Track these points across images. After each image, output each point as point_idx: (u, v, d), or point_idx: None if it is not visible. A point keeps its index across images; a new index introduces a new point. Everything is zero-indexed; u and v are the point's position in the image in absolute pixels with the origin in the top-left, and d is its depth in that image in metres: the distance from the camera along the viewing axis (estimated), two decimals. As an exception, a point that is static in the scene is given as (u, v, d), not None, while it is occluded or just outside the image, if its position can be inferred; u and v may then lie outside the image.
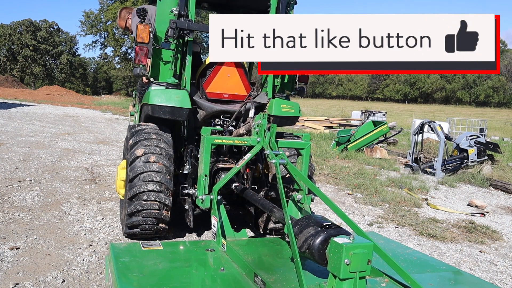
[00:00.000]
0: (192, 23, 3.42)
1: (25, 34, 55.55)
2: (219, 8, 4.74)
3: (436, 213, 5.31)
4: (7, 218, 3.88)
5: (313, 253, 1.83)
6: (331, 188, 6.35)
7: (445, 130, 10.17)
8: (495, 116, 36.80)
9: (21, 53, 55.53)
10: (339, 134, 11.33)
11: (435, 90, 77.09)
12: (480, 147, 8.71)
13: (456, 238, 4.35)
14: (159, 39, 3.55)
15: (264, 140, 2.80)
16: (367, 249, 1.71)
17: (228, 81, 3.75)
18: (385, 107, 41.27)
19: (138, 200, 3.21)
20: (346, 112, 27.01)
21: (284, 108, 3.71)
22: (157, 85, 3.55)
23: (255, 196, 2.94)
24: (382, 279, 2.09)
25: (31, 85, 54.05)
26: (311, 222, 1.97)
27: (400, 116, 29.45)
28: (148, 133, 3.41)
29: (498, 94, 70.70)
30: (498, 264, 3.74)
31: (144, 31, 3.37)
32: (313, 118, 18.59)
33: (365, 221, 4.70)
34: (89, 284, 2.78)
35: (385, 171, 8.13)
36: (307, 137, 3.20)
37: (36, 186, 5.07)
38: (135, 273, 2.04)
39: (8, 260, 3.03)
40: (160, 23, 3.57)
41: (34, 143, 8.38)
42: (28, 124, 11.87)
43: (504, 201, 6.38)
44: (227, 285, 2.08)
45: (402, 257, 2.58)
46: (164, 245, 2.46)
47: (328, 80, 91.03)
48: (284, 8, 3.69)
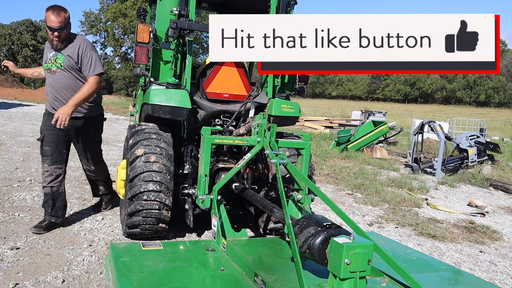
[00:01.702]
0: (192, 23, 3.42)
1: (25, 34, 55.53)
2: (219, 8, 4.74)
3: (436, 213, 5.31)
4: (7, 218, 3.88)
5: (313, 253, 1.83)
6: (331, 188, 6.35)
7: (445, 130, 10.18)
8: (495, 116, 36.79)
9: (21, 53, 55.50)
10: (339, 134, 11.33)
11: (435, 90, 77.11)
12: (480, 147, 8.71)
13: (456, 238, 4.35)
14: (159, 39, 3.55)
15: (264, 140, 2.80)
16: (367, 249, 1.71)
17: (228, 81, 3.75)
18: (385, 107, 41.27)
19: (138, 200, 3.21)
20: (346, 112, 27.01)
21: (284, 108, 3.71)
22: (157, 85, 3.55)
23: (255, 196, 2.94)
24: (382, 279, 2.09)
25: (31, 85, 54.01)
26: (311, 222, 1.97)
27: (400, 116, 29.45)
28: (148, 133, 3.42)
29: (498, 94, 70.72)
30: (498, 264, 3.74)
31: (144, 31, 3.38)
32: (313, 118, 18.59)
33: (365, 221, 4.70)
34: (89, 284, 2.78)
35: (385, 171, 8.13)
36: (307, 137, 3.20)
37: (36, 186, 5.07)
38: (135, 273, 2.04)
39: (8, 260, 3.03)
40: (160, 23, 3.57)
41: (34, 143, 8.37)
42: (28, 124, 11.87)
43: (504, 201, 6.38)
44: (227, 285, 2.08)
45: (402, 257, 2.58)
46: (164, 245, 2.46)
47: (328, 80, 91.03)
48: (284, 8, 3.69)
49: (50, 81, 3.55)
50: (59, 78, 3.51)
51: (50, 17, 3.30)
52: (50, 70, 3.51)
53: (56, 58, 3.48)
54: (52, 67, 3.50)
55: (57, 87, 3.52)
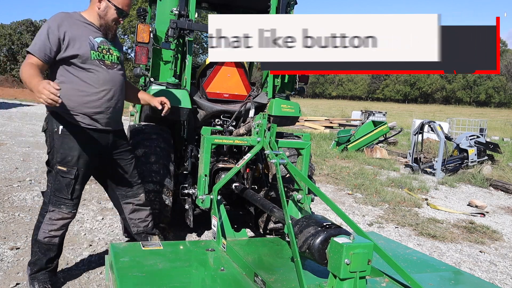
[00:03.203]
0: (192, 23, 3.42)
1: (25, 34, 55.50)
2: (219, 8, 4.74)
3: (436, 213, 5.31)
4: (7, 218, 3.88)
5: (313, 253, 1.83)
6: (331, 188, 6.35)
7: (445, 130, 10.18)
8: (495, 116, 36.81)
9: (21, 53, 55.43)
10: (339, 134, 11.33)
11: (435, 90, 77.15)
12: (480, 147, 8.71)
13: (456, 238, 4.35)
14: (159, 39, 3.55)
15: (264, 140, 2.80)
16: (367, 249, 1.70)
17: (228, 81, 3.75)
18: (385, 107, 41.29)
19: (138, 200, 3.21)
20: (346, 112, 27.02)
21: (284, 108, 3.71)
22: (157, 85, 3.55)
23: (255, 196, 2.93)
24: (382, 279, 2.09)
25: (31, 85, 54.03)
26: (311, 222, 1.97)
27: (400, 116, 29.46)
28: (148, 133, 3.41)
29: (499, 94, 70.74)
30: (498, 264, 3.74)
31: (144, 31, 3.37)
32: (313, 118, 18.59)
33: (365, 221, 4.70)
34: (89, 284, 2.78)
35: (385, 171, 8.14)
36: (307, 137, 3.20)
37: (36, 186, 5.07)
38: (135, 273, 2.03)
39: (8, 260, 3.03)
40: (160, 23, 3.57)
41: (34, 143, 8.38)
42: (28, 124, 11.88)
43: (504, 201, 6.38)
44: (227, 285, 2.07)
45: (402, 257, 2.58)
46: (164, 245, 2.46)
47: (328, 80, 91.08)
48: (284, 8, 3.69)
49: (102, 77, 2.53)
50: (118, 76, 2.63)
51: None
52: (103, 62, 2.55)
53: (110, 49, 2.60)
54: (107, 60, 2.57)
55: (115, 88, 2.61)
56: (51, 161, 2.49)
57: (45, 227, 2.49)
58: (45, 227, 2.49)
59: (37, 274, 2.56)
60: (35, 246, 2.54)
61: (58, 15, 2.46)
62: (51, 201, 2.47)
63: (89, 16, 2.54)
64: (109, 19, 2.52)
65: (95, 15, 2.52)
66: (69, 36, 2.41)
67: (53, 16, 2.47)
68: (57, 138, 2.44)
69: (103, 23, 2.52)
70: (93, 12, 2.53)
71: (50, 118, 2.48)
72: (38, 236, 2.50)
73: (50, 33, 2.36)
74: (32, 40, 2.40)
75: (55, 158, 2.45)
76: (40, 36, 2.37)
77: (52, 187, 2.48)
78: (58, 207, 2.47)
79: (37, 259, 2.55)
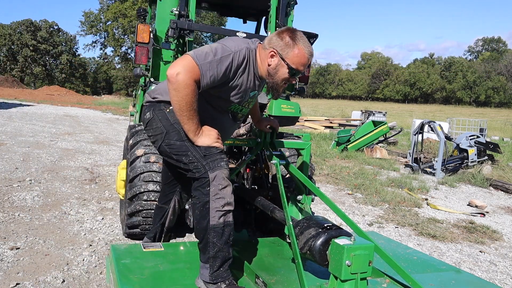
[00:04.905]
0: (193, 23, 3.42)
1: (25, 34, 55.53)
2: (219, 8, 4.73)
3: (436, 213, 5.31)
4: (7, 218, 3.88)
5: (314, 255, 1.83)
6: (331, 188, 6.35)
7: (445, 130, 10.18)
8: (495, 116, 36.82)
9: (21, 53, 55.51)
10: (339, 134, 11.33)
11: (435, 90, 77.19)
12: (480, 147, 8.71)
13: (456, 238, 4.35)
14: (159, 39, 3.55)
15: (264, 140, 2.80)
16: (368, 250, 1.71)
17: None
18: (385, 107, 41.30)
19: (138, 200, 3.21)
20: (346, 112, 27.03)
21: (284, 108, 3.71)
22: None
23: (255, 196, 2.93)
24: (383, 279, 2.09)
25: (31, 85, 54.06)
26: (312, 223, 1.97)
27: (400, 116, 29.47)
28: (148, 133, 3.41)
29: (498, 94, 70.78)
30: (498, 264, 3.74)
31: (144, 31, 3.37)
32: (313, 118, 18.59)
33: (365, 221, 4.70)
34: (89, 284, 2.77)
35: (385, 171, 8.13)
36: (307, 137, 3.20)
37: (36, 186, 5.07)
38: (136, 275, 2.03)
39: (8, 260, 3.02)
40: (160, 23, 3.57)
41: (34, 143, 8.38)
42: (28, 124, 11.87)
43: (504, 201, 6.38)
44: (228, 285, 2.07)
45: (403, 257, 2.58)
46: (165, 246, 2.46)
47: (328, 80, 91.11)
48: (284, 8, 3.69)
49: (227, 125, 2.36)
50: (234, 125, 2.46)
51: (303, 54, 2.09)
52: (236, 114, 2.36)
53: (249, 103, 2.36)
54: (240, 112, 2.36)
55: (230, 132, 2.50)
56: (179, 137, 2.15)
57: (216, 205, 2.04)
58: (215, 204, 2.04)
59: (220, 270, 2.05)
60: (210, 235, 2.04)
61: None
62: (207, 166, 2.05)
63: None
64: (277, 77, 2.15)
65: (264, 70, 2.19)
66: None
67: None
68: (171, 116, 2.17)
69: (270, 81, 2.18)
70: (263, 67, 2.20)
71: (154, 105, 2.29)
72: (210, 222, 2.04)
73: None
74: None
75: (181, 132, 2.13)
76: None
77: (198, 155, 2.09)
78: (217, 165, 2.07)
79: (218, 251, 2.04)
